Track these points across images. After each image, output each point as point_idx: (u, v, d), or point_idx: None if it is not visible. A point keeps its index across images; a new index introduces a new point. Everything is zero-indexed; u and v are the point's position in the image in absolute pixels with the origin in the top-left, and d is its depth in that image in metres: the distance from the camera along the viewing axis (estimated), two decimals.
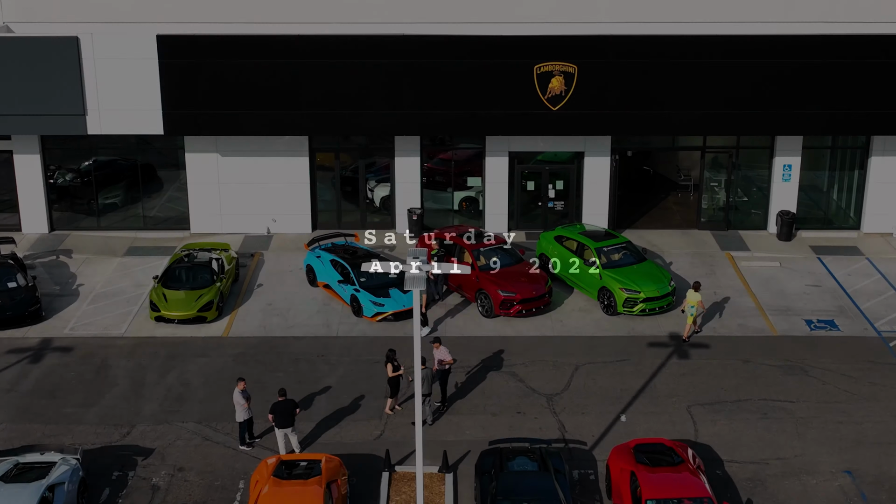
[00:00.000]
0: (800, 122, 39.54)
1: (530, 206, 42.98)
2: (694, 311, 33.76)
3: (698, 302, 33.82)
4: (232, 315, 36.13)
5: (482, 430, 29.74)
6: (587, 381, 32.16)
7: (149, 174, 42.97)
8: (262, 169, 41.69)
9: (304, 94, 38.87)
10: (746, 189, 43.15)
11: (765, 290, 37.95)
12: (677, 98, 39.08)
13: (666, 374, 32.48)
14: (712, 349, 33.94)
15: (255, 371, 32.57)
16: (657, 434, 29.45)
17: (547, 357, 33.48)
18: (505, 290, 35.35)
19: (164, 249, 41.16)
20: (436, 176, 42.93)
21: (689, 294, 33.93)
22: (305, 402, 31.00)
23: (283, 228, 42.66)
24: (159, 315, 35.21)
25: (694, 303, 33.82)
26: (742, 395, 31.34)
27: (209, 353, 33.75)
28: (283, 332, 35.03)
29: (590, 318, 35.91)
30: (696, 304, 33.82)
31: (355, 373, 32.57)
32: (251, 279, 38.76)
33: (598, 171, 41.83)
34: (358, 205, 43.04)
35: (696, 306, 33.78)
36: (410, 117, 39.26)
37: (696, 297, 33.83)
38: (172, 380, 32.20)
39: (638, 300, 35.45)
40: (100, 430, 29.65)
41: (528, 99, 38.91)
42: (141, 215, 42.91)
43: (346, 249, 37.84)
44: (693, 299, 33.80)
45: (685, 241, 42.01)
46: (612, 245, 37.21)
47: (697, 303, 33.82)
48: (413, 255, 20.98)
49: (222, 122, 39.22)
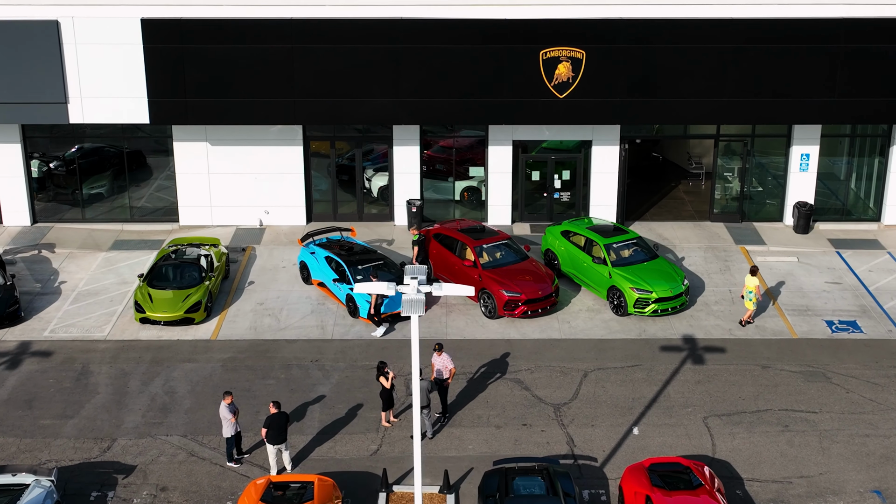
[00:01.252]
0: (818, 110, 37.53)
1: (535, 197, 41.03)
2: (752, 297, 32.72)
3: (755, 287, 32.73)
4: (221, 316, 34.27)
5: (486, 444, 27.93)
6: (596, 388, 30.33)
7: (137, 161, 40.97)
8: (254, 158, 39.76)
9: (297, 80, 36.89)
10: (761, 178, 41.19)
11: (782, 287, 36.04)
12: (690, 85, 37.10)
13: (680, 382, 30.65)
14: (729, 353, 32.09)
15: (245, 378, 30.73)
16: (672, 449, 27.64)
17: (554, 362, 31.64)
18: (509, 289, 33.47)
19: (152, 243, 39.27)
20: (436, 164, 40.97)
21: (747, 279, 32.88)
22: (298, 412, 29.18)
23: (277, 221, 40.76)
24: (144, 316, 33.34)
25: (752, 288, 32.77)
26: (761, 405, 29.50)
27: (196, 357, 31.90)
28: (275, 335, 33.18)
29: (599, 319, 34.05)
30: (753, 290, 32.75)
31: (351, 380, 30.74)
32: (242, 276, 36.89)
33: (607, 161, 39.87)
34: (355, 195, 41.09)
35: (754, 291, 32.72)
36: (409, 105, 37.29)
37: (753, 281, 32.76)
38: (157, 388, 30.37)
39: (650, 300, 33.58)
40: (78, 445, 27.83)
41: (534, 86, 36.93)
42: (127, 206, 40.96)
43: (341, 245, 35.94)
44: (751, 284, 32.77)
45: (697, 235, 40.09)
46: (622, 241, 35.30)
47: (755, 288, 32.73)
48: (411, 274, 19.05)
49: (211, 110, 37.24)
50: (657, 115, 37.65)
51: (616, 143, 39.62)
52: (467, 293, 19.47)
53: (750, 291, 32.86)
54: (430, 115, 37.74)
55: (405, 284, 19.11)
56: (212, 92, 36.91)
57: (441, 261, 35.64)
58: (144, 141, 40.49)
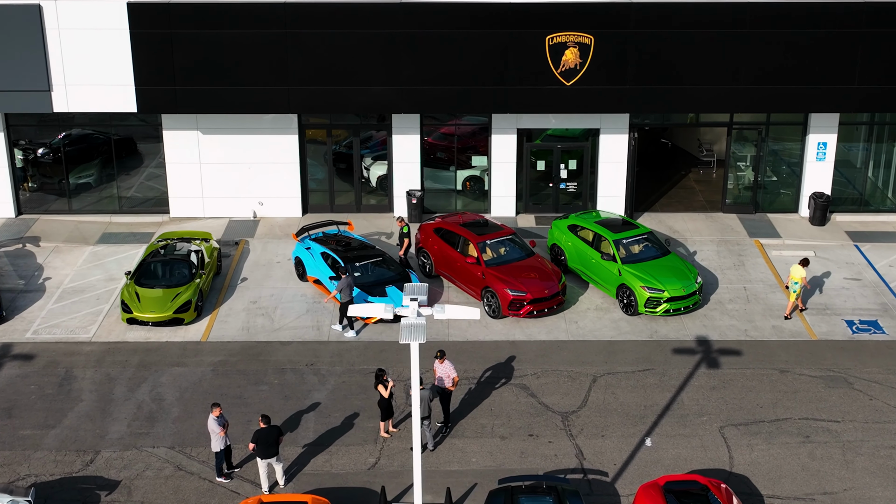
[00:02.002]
0: (837, 99, 35.84)
1: (540, 187, 39.38)
2: (798, 288, 31.51)
3: (802, 278, 31.50)
4: (212, 315, 32.71)
5: (490, 457, 26.41)
6: (606, 395, 28.79)
7: (127, 149, 39.26)
8: (247, 147, 38.10)
9: (291, 67, 35.20)
10: (775, 167, 39.51)
11: None
12: (703, 72, 35.41)
13: (694, 387, 29.11)
14: (745, 356, 30.55)
15: (237, 384, 29.20)
16: (687, 462, 26.12)
17: (561, 366, 30.09)
18: (514, 288, 31.89)
19: (141, 236, 37.68)
20: (437, 152, 39.31)
21: (794, 269, 31.66)
22: (292, 421, 27.66)
23: (271, 212, 39.15)
24: (131, 317, 31.77)
25: (798, 279, 31.54)
26: (781, 413, 27.97)
27: (186, 361, 30.35)
28: (269, 336, 31.62)
29: (608, 319, 32.48)
30: (799, 281, 31.52)
31: (348, 385, 29.20)
32: (234, 272, 35.30)
33: (615, 150, 38.22)
34: (352, 184, 39.44)
35: (801, 283, 31.49)
36: (409, 94, 35.61)
37: (800, 272, 31.56)
38: (144, 394, 28.83)
39: (661, 300, 32.00)
40: (60, 458, 26.31)
41: (540, 73, 35.25)
42: (116, 196, 39.31)
43: (338, 241, 34.33)
44: (797, 275, 31.55)
45: (709, 227, 38.46)
46: (633, 236, 33.67)
47: (801, 279, 31.49)
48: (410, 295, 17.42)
49: (201, 98, 35.57)
50: (668, 103, 35.98)
51: (625, 132, 37.96)
52: (472, 316, 17.84)
53: (796, 283, 31.61)
54: (431, 103, 36.07)
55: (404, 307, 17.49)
56: (202, 79, 35.24)
57: (442, 257, 34.04)
58: (136, 127, 38.71)
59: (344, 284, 31.01)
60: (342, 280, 31.04)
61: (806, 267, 31.89)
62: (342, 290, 30.99)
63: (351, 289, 31.11)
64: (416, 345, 17.86)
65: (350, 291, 31.09)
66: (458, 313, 17.58)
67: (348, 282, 31.08)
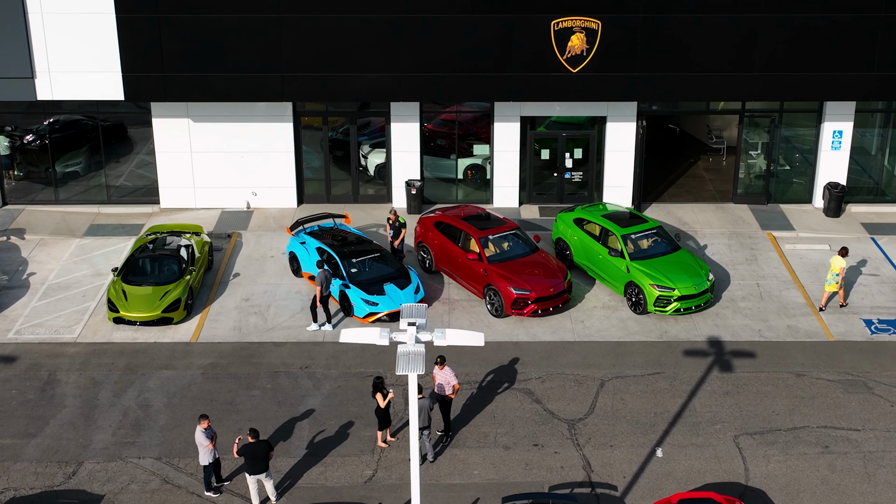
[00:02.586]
0: (855, 86, 34.35)
1: (544, 175, 37.91)
2: (837, 279, 30.69)
3: (842, 269, 30.45)
4: (203, 314, 31.34)
5: (493, 469, 25.09)
6: (615, 401, 27.45)
7: (117, 135, 37.74)
8: (240, 136, 36.64)
9: (285, 53, 33.70)
10: (788, 155, 38.04)
11: (814, 279, 33.10)
12: (715, 58, 33.93)
13: (707, 392, 27.77)
14: (759, 359, 29.21)
15: (227, 388, 27.86)
16: (700, 475, 24.82)
17: (567, 369, 28.75)
18: (518, 287, 30.50)
19: (130, 228, 36.27)
20: (437, 140, 37.85)
21: (834, 260, 30.51)
22: (285, 430, 26.34)
23: (265, 203, 37.72)
24: (118, 316, 30.39)
25: (837, 269, 30.44)
26: (798, 422, 26.64)
27: (174, 363, 29.01)
28: (262, 336, 30.27)
29: (615, 318, 31.11)
30: (839, 272, 30.47)
31: (344, 390, 27.87)
32: (226, 267, 33.92)
33: (622, 139, 36.76)
34: (349, 173, 37.98)
35: (840, 273, 30.47)
36: (408, 81, 34.12)
37: (840, 262, 30.40)
38: (130, 400, 27.49)
39: (671, 298, 30.63)
40: (41, 470, 24.98)
41: (545, 59, 33.78)
42: (104, 185, 37.86)
43: (334, 235, 32.92)
44: (837, 266, 30.42)
45: (720, 219, 37.03)
46: (641, 231, 32.25)
47: (840, 270, 30.43)
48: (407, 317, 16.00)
49: (191, 86, 34.09)
50: (679, 91, 34.49)
51: (633, 120, 36.49)
52: (476, 342, 16.40)
53: (835, 273, 30.51)
54: (431, 91, 34.58)
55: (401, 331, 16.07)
56: (192, 66, 33.76)
57: (442, 252, 32.64)
58: (126, 112, 37.12)
59: (322, 278, 29.72)
60: (319, 274, 29.76)
61: (845, 257, 30.75)
62: (320, 284, 29.72)
63: (328, 283, 29.81)
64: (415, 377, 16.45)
65: (327, 286, 29.80)
66: (461, 338, 16.14)
67: (325, 276, 29.77)
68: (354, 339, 16.40)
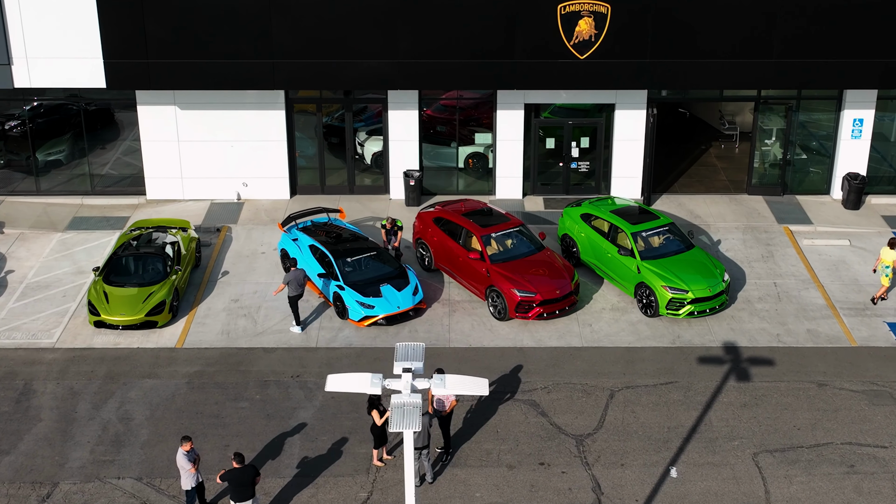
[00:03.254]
0: (879, 74, 32.49)
1: (549, 164, 36.11)
2: (889, 272, 29.38)
3: (894, 261, 29.07)
4: (189, 316, 29.66)
5: (496, 490, 23.47)
6: (625, 414, 25.80)
7: (103, 120, 35.89)
8: (229, 124, 34.84)
9: (276, 39, 31.86)
10: (805, 143, 36.20)
11: (834, 278, 31.38)
12: (730, 44, 32.07)
13: (723, 405, 26.11)
14: (778, 367, 27.54)
15: (214, 400, 26.22)
16: (718, 498, 23.20)
17: (575, 378, 27.09)
18: (523, 288, 28.80)
19: (114, 221, 34.55)
20: (436, 126, 36.04)
21: (884, 252, 29.15)
22: (274, 447, 24.70)
23: (256, 194, 35.97)
24: (99, 320, 28.69)
25: (889, 262, 29.08)
26: (821, 437, 25.00)
27: (158, 371, 27.35)
28: (251, 342, 28.60)
29: (625, 322, 29.42)
30: (890, 264, 29.10)
31: (338, 402, 26.21)
32: (215, 264, 32.20)
33: (632, 127, 34.96)
34: (345, 160, 36.17)
35: (892, 266, 29.13)
36: (407, 68, 32.30)
37: (891, 255, 29.00)
38: (110, 413, 25.85)
39: (685, 301, 28.92)
40: (13, 492, 23.36)
41: (551, 45, 31.95)
42: (88, 174, 36.07)
43: (328, 231, 31.19)
44: (888, 258, 29.04)
45: (734, 211, 35.26)
46: (653, 228, 30.50)
47: (893, 262, 29.07)
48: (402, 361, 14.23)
49: (176, 73, 32.27)
50: (692, 78, 32.64)
51: (642, 107, 34.68)
52: (481, 391, 14.61)
53: (887, 266, 29.31)
54: (431, 78, 32.73)
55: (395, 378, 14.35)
56: (177, 52, 31.93)
57: (442, 250, 30.91)
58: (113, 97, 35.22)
59: (291, 277, 28.07)
60: (290, 272, 28.09)
61: (894, 248, 29.29)
62: (289, 282, 28.07)
63: (298, 282, 28.16)
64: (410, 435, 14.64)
65: (297, 285, 28.15)
66: (463, 386, 14.36)
67: (296, 274, 28.12)
68: (342, 389, 14.65)
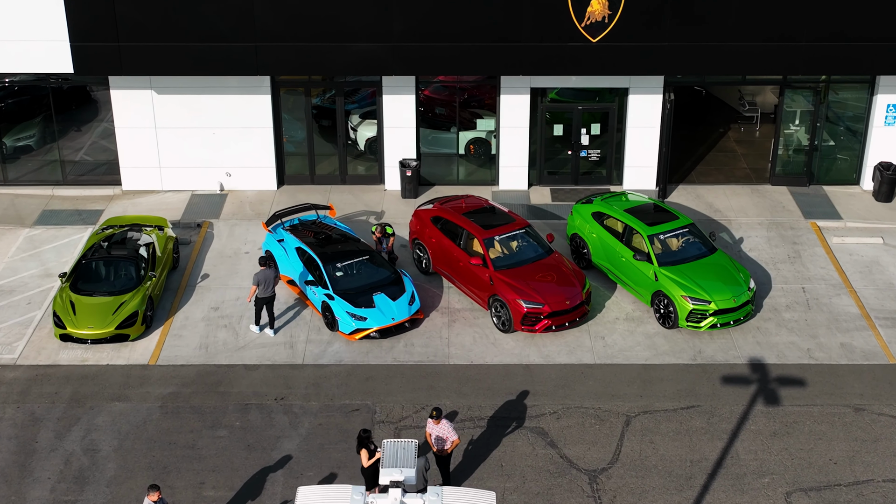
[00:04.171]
0: None
1: (556, 149, 33.42)
2: None
3: None
4: (165, 327, 27.15)
5: None
6: (643, 445, 23.34)
7: (78, 99, 33.13)
8: (211, 109, 32.17)
9: (259, 19, 29.12)
10: (832, 128, 33.51)
11: (868, 282, 28.86)
12: (756, 26, 29.31)
13: (751, 433, 23.66)
14: (810, 387, 25.07)
15: (189, 427, 23.77)
16: None
17: (587, 401, 24.62)
18: (529, 299, 26.25)
19: (87, 215, 31.98)
20: (435, 108, 33.34)
21: None
22: (254, 483, 22.28)
23: (241, 184, 33.35)
24: (65, 333, 26.17)
25: None
26: (860, 473, 22.56)
27: (129, 393, 24.88)
28: (232, 357, 26.11)
29: (641, 334, 26.90)
30: None
31: (325, 429, 23.76)
32: (194, 265, 29.65)
33: (647, 113, 32.29)
34: (336, 145, 33.48)
35: None
36: (402, 52, 29.59)
37: None
38: (74, 442, 23.40)
39: (707, 313, 26.37)
40: None
41: (560, 27, 29.21)
42: (60, 161, 33.40)
43: (317, 231, 28.58)
44: None
45: (756, 204, 32.63)
46: (671, 230, 27.89)
47: None
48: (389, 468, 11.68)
49: (150, 57, 29.56)
50: (713, 64, 29.96)
51: (659, 91, 31.97)
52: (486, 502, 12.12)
53: None
54: (429, 63, 30.02)
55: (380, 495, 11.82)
56: (151, 35, 29.21)
57: (441, 252, 28.34)
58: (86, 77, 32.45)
59: (260, 277, 25.67)
60: (259, 271, 25.83)
61: None
62: (258, 283, 25.69)
63: (268, 283, 25.77)
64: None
65: (266, 287, 25.70)
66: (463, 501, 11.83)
67: (265, 275, 25.78)
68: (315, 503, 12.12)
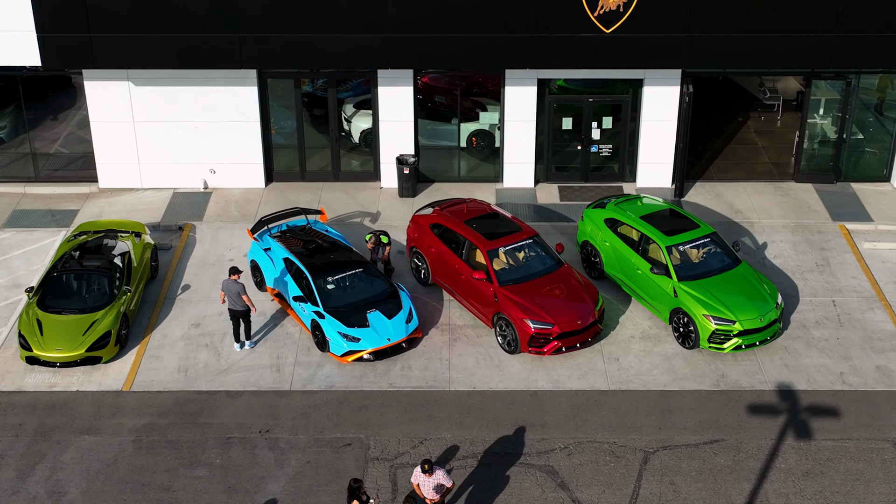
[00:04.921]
0: None
1: (565, 140, 31.11)
2: None
3: None
4: (140, 347, 25.01)
5: None
6: (663, 487, 21.26)
7: (55, 85, 30.85)
8: (193, 102, 29.89)
9: (243, 9, 26.79)
10: (861, 120, 31.23)
11: None
12: (784, 15, 26.96)
13: (781, 472, 21.57)
14: (845, 418, 22.94)
15: (165, 465, 21.69)
16: None
17: (600, 434, 22.51)
18: (537, 319, 24.06)
19: (60, 216, 29.81)
20: (434, 96, 31.05)
21: None
22: None
23: (226, 182, 31.14)
24: (32, 356, 24.01)
25: None
26: None
27: (100, 425, 22.78)
28: (213, 382, 23.98)
29: (658, 355, 24.74)
30: None
31: (314, 468, 21.67)
32: (174, 275, 27.47)
33: (663, 106, 30.01)
34: (329, 136, 31.20)
35: None
36: (398, 44, 27.28)
37: None
38: (38, 484, 21.32)
39: (731, 334, 24.18)
40: None
41: (571, 16, 26.91)
42: (31, 154, 31.17)
43: (306, 240, 26.34)
44: None
45: (780, 204, 30.40)
46: (692, 240, 25.65)
47: None
48: None
49: (124, 50, 27.26)
50: (738, 57, 27.63)
51: (676, 83, 29.66)
52: None
53: None
54: (427, 57, 27.71)
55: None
56: (125, 25, 26.91)
57: (441, 264, 26.13)
58: None
59: (224, 287, 23.88)
60: (224, 282, 23.94)
61: None
62: (227, 296, 23.72)
63: (231, 296, 23.82)
64: None
65: (234, 301, 23.65)
66: None
67: (227, 286, 24.00)
68: None
